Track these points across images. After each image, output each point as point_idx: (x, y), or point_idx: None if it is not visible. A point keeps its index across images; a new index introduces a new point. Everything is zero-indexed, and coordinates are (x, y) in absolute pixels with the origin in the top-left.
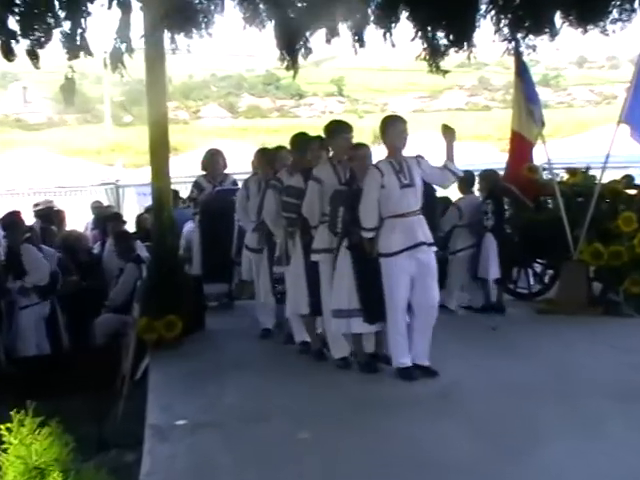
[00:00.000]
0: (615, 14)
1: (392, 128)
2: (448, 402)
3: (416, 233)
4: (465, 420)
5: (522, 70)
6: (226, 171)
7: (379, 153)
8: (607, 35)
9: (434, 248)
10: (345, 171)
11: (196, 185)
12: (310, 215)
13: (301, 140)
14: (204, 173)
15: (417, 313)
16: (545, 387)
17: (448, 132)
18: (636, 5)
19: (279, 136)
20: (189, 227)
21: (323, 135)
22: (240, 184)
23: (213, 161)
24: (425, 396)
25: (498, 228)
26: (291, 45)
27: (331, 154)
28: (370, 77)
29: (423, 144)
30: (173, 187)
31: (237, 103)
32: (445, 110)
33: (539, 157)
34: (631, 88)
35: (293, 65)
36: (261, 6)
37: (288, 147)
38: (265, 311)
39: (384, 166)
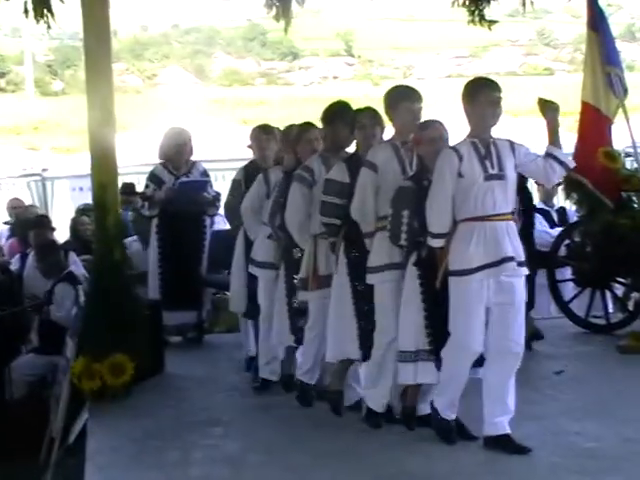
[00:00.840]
0: None
1: (480, 96)
2: None
3: (502, 245)
4: None
5: (597, 20)
6: (193, 158)
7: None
8: None
9: (525, 270)
10: (412, 156)
11: (152, 178)
12: (362, 218)
13: (342, 111)
14: (163, 161)
15: (491, 359)
16: (630, 464)
17: (549, 108)
18: None
19: (266, 110)
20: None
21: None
22: (214, 175)
23: (175, 145)
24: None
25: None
26: None
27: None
28: (389, 30)
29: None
30: (123, 179)
31: (208, 65)
32: (492, 74)
33: (621, 139)
34: None
35: (284, 13)
36: None
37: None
38: (268, 350)
39: (465, 148)
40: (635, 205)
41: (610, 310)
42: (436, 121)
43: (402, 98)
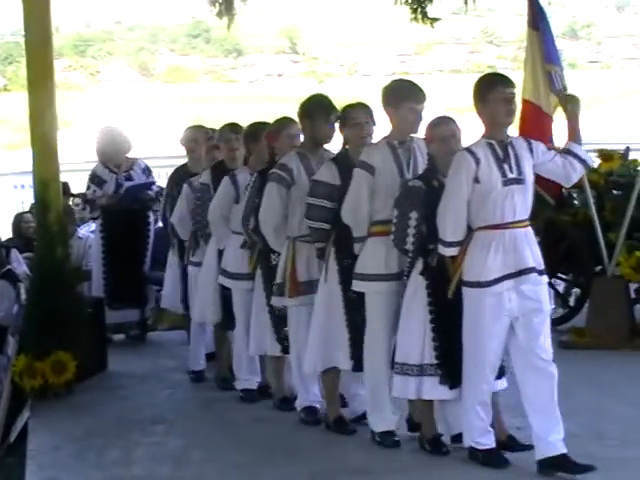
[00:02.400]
0: None
1: (492, 93)
2: None
3: (523, 254)
4: None
5: (538, 18)
6: (135, 155)
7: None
8: None
9: (546, 278)
10: (410, 157)
11: (93, 178)
12: (355, 222)
13: (322, 105)
14: (103, 160)
15: (524, 377)
16: (573, 454)
17: (570, 101)
18: None
19: (211, 106)
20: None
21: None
22: (157, 172)
23: (112, 144)
24: None
25: None
26: None
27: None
28: (334, 27)
29: None
30: (66, 177)
31: (152, 62)
32: (436, 72)
33: (561, 136)
34: None
35: (227, 10)
36: None
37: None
38: (244, 361)
39: (481, 151)
40: (576, 202)
41: (551, 306)
42: (449, 118)
43: (406, 97)
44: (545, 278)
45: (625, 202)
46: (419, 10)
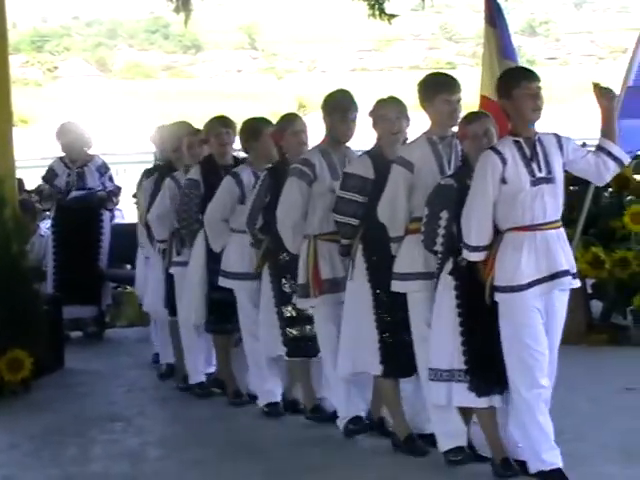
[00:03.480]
0: None
1: (518, 88)
2: None
3: (556, 257)
4: None
5: (495, 15)
6: (92, 151)
7: (312, 125)
8: None
9: (578, 282)
10: (451, 153)
11: (48, 171)
12: (391, 221)
13: (345, 101)
14: (63, 155)
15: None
16: None
17: (605, 94)
18: None
19: (170, 103)
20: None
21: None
22: (115, 169)
23: (66, 140)
24: None
25: None
26: None
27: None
28: (293, 24)
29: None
30: (22, 173)
31: (111, 58)
32: (396, 68)
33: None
34: None
35: (184, 6)
36: None
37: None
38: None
39: (508, 150)
40: None
41: None
42: (483, 114)
43: (439, 88)
44: (577, 282)
45: (581, 198)
46: (377, 6)
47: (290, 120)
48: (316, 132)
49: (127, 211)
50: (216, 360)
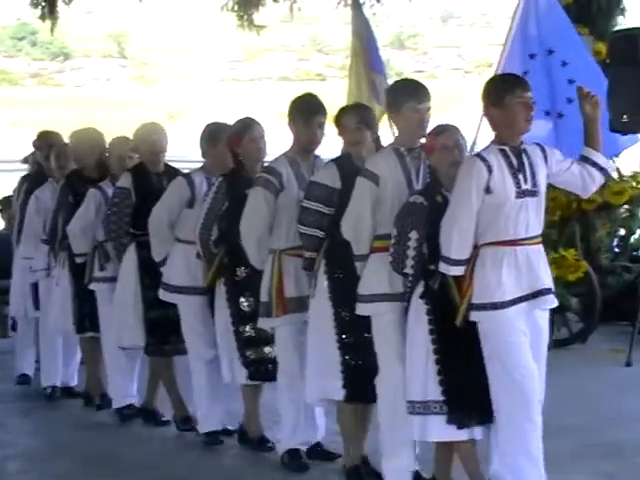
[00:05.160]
0: None
1: (510, 97)
2: None
3: (538, 274)
4: None
5: (363, 28)
6: None
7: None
8: None
9: (556, 300)
10: (419, 166)
11: None
12: (356, 238)
13: (314, 106)
14: None
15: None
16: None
17: (590, 103)
18: None
19: (39, 110)
20: None
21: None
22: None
23: None
24: None
25: None
26: None
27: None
28: (163, 33)
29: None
30: None
31: None
32: (265, 79)
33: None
34: (504, 52)
35: (51, 13)
36: None
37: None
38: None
39: (493, 157)
40: None
41: None
42: (451, 126)
43: (406, 96)
44: (556, 300)
45: None
46: (245, 17)
47: (247, 125)
48: (187, 141)
49: None
50: (147, 388)
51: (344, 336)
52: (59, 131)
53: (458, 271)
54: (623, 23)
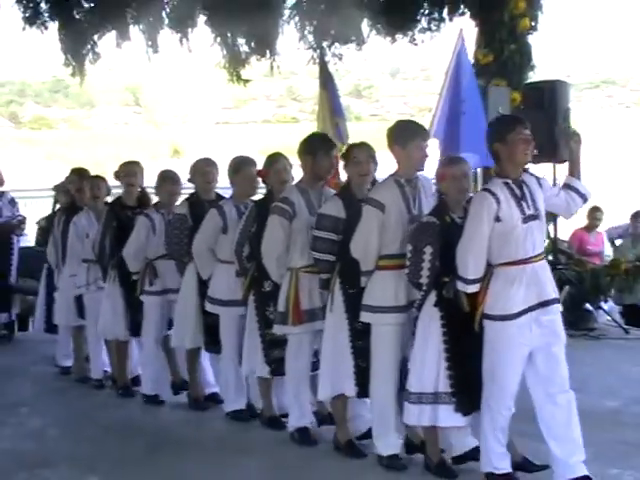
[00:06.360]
0: (424, 23)
1: (511, 134)
2: None
3: (544, 286)
4: None
5: (327, 80)
6: (4, 188)
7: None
8: (416, 45)
9: (560, 306)
10: (415, 194)
11: None
12: (365, 257)
13: (323, 142)
14: None
15: (542, 405)
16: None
17: (574, 139)
18: (445, 15)
19: (68, 148)
20: None
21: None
22: (23, 202)
23: None
24: None
25: None
26: (77, 49)
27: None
28: (169, 85)
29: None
30: None
31: (20, 112)
32: (251, 122)
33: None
34: (440, 101)
35: (80, 71)
36: (42, 5)
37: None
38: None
39: (499, 190)
40: None
41: None
42: (460, 158)
43: (413, 135)
44: (559, 306)
45: None
46: (234, 73)
47: (274, 159)
48: (186, 174)
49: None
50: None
51: (357, 343)
52: (87, 165)
53: (475, 288)
54: (533, 77)
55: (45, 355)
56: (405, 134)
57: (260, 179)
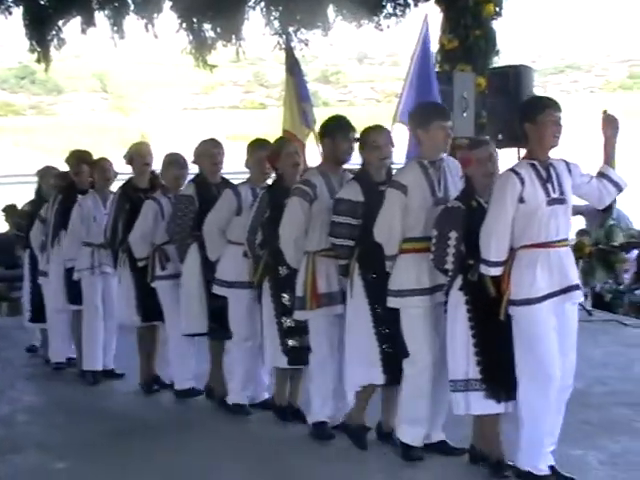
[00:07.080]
0: (389, 9)
1: (543, 116)
2: None
3: (568, 272)
4: None
5: (294, 66)
6: None
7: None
8: (382, 30)
9: (581, 293)
10: (440, 176)
11: None
12: (388, 240)
13: (343, 125)
14: None
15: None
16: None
17: (610, 123)
18: (410, 0)
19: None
20: None
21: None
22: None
23: None
24: None
25: None
26: (41, 35)
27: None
28: (136, 72)
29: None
30: None
31: None
32: (218, 107)
33: (316, 160)
34: (406, 86)
35: (45, 57)
36: None
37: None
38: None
39: (524, 171)
40: None
41: None
42: (486, 141)
43: (435, 116)
44: (582, 295)
45: None
46: (200, 59)
47: (283, 143)
48: (157, 156)
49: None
50: (212, 366)
51: (381, 328)
52: (55, 152)
53: (497, 271)
54: (498, 62)
55: (15, 341)
56: (426, 116)
57: (269, 165)
